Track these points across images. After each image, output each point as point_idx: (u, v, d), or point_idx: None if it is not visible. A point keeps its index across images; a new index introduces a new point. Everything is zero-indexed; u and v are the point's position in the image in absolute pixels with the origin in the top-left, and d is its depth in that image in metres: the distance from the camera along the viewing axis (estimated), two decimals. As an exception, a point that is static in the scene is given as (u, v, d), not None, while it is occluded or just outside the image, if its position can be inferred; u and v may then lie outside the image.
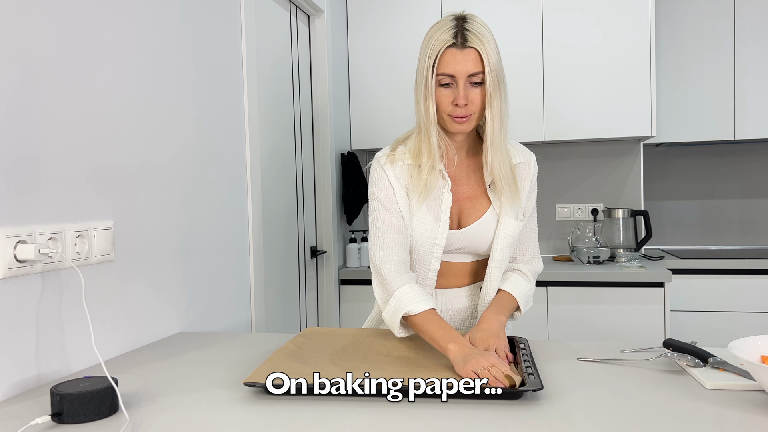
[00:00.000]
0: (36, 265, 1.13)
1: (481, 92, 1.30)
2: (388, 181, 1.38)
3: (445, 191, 1.38)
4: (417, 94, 1.33)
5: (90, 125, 1.29)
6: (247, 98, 1.98)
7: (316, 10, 2.67)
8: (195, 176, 1.69)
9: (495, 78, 1.29)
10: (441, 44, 1.28)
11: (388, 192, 1.38)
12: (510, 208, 1.39)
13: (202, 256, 1.72)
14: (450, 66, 1.28)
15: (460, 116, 1.31)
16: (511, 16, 2.92)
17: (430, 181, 1.35)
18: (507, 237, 1.40)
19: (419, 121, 1.34)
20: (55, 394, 0.91)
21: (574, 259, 2.93)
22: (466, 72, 1.28)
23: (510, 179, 1.37)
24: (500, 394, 0.97)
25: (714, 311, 2.80)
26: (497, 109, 1.32)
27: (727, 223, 3.31)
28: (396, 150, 1.41)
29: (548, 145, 3.19)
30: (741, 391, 0.99)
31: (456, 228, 1.40)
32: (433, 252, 1.38)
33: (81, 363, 1.24)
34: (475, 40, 1.27)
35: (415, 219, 1.38)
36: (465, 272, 1.46)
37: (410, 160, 1.38)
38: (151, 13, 1.50)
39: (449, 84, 1.30)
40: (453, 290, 1.45)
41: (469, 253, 1.44)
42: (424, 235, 1.38)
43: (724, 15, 2.98)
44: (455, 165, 1.41)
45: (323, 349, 1.26)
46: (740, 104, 2.98)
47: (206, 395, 1.04)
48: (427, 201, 1.38)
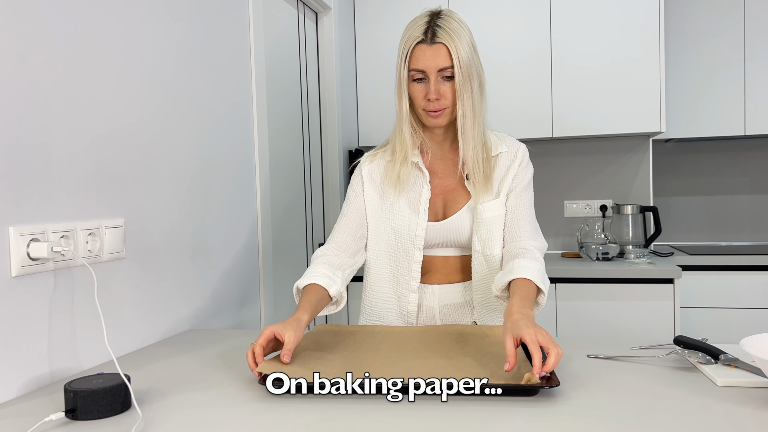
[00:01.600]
0: (48, 263, 1.14)
1: (452, 87, 1.33)
2: (361, 178, 1.48)
3: (424, 184, 1.42)
4: (395, 90, 1.38)
5: (100, 124, 1.29)
6: (255, 96, 1.99)
7: (324, 7, 2.67)
8: (204, 174, 1.70)
9: (465, 73, 1.31)
10: (412, 40, 1.33)
11: (357, 188, 1.48)
12: (485, 196, 1.40)
13: (212, 254, 1.73)
14: (420, 61, 1.32)
15: (433, 110, 1.34)
16: (520, 13, 2.91)
17: (402, 173, 1.41)
18: (485, 223, 1.39)
19: (396, 115, 1.40)
20: (68, 391, 0.92)
21: (583, 255, 2.92)
22: (436, 67, 1.31)
23: (481, 171, 1.39)
24: (517, 389, 0.97)
25: (724, 308, 2.79)
26: (468, 104, 1.33)
27: (737, 219, 3.28)
28: (382, 148, 1.49)
29: (557, 141, 3.18)
30: (753, 388, 0.99)
31: (441, 219, 1.42)
32: (415, 243, 1.41)
33: (93, 360, 1.25)
34: (444, 36, 1.30)
35: (393, 211, 1.43)
36: (456, 267, 1.46)
37: (390, 156, 1.44)
38: (160, 11, 1.51)
39: (422, 79, 1.34)
40: (447, 286, 1.46)
41: (454, 246, 1.45)
42: (402, 227, 1.42)
43: (734, 10, 2.96)
44: (438, 158, 1.46)
45: (334, 344, 1.26)
46: (750, 100, 2.96)
47: (218, 392, 1.05)
48: (406, 194, 1.43)
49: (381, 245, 1.46)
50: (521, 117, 2.93)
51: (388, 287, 1.46)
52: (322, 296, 1.30)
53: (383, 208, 1.45)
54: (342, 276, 1.38)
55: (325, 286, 1.31)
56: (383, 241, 1.45)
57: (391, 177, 1.43)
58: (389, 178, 1.43)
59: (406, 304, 1.44)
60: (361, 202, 1.47)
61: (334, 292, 1.33)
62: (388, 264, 1.46)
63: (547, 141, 3.18)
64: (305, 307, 1.23)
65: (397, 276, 1.45)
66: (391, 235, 1.44)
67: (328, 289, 1.31)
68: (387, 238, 1.45)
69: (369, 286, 1.49)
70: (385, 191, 1.45)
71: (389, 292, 1.46)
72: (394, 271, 1.45)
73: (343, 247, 1.44)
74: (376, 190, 1.46)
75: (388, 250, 1.45)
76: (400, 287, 1.45)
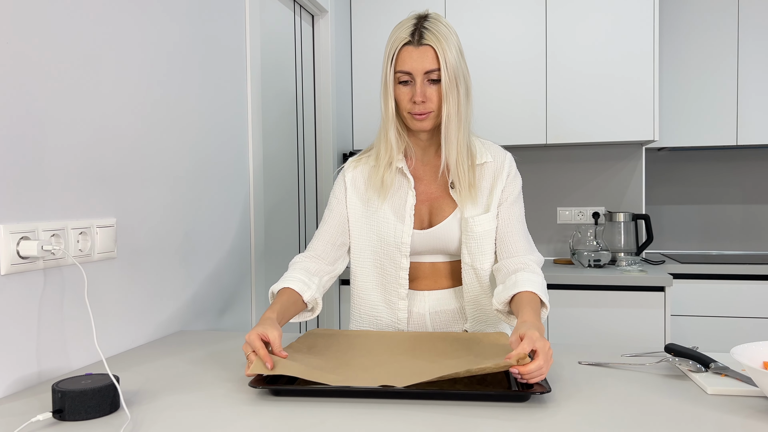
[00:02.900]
0: (38, 261, 1.13)
1: (438, 90, 1.32)
2: (344, 184, 1.45)
3: (409, 190, 1.40)
4: (381, 92, 1.36)
5: (93, 123, 1.29)
6: (250, 97, 1.98)
7: (320, 10, 2.67)
8: (198, 175, 1.69)
9: (452, 76, 1.30)
10: (399, 42, 1.31)
11: (340, 194, 1.45)
12: (472, 207, 1.39)
13: (204, 255, 1.72)
14: (407, 63, 1.31)
15: (419, 113, 1.32)
16: (515, 20, 2.92)
17: (386, 178, 1.39)
18: (476, 237, 1.38)
19: (381, 118, 1.38)
20: (56, 391, 0.91)
21: (575, 262, 2.93)
22: (422, 69, 1.30)
23: (466, 179, 1.37)
24: (508, 395, 0.97)
25: (714, 316, 2.80)
26: (453, 108, 1.32)
27: (729, 228, 3.31)
28: (366, 153, 1.47)
29: (550, 148, 3.19)
30: (743, 397, 0.99)
31: (427, 227, 1.40)
32: (401, 251, 1.39)
33: (82, 360, 1.24)
34: (432, 38, 1.29)
35: (378, 218, 1.41)
36: (444, 273, 1.45)
37: (374, 161, 1.42)
38: (155, 11, 1.50)
39: (408, 81, 1.32)
40: (437, 292, 1.45)
41: (442, 254, 1.43)
42: (388, 234, 1.40)
43: (728, 21, 2.98)
44: (422, 164, 1.44)
45: (328, 348, 1.25)
46: (742, 110, 2.98)
47: (207, 394, 1.04)
48: (390, 200, 1.41)
49: (366, 253, 1.44)
50: (516, 123, 2.94)
51: (377, 295, 1.44)
52: (295, 300, 1.29)
53: (367, 214, 1.43)
54: (318, 282, 1.37)
55: (300, 291, 1.30)
56: (368, 248, 1.43)
57: (375, 182, 1.40)
58: (373, 183, 1.41)
59: (396, 311, 1.42)
60: (343, 209, 1.44)
61: (308, 298, 1.31)
62: (374, 271, 1.44)
63: (541, 147, 3.19)
64: (276, 308, 1.22)
65: (384, 284, 1.43)
66: (376, 242, 1.42)
67: (302, 294, 1.30)
68: (372, 246, 1.43)
69: (357, 294, 1.47)
70: (370, 197, 1.42)
71: (378, 299, 1.44)
72: (381, 278, 1.43)
73: (321, 255, 1.42)
74: (360, 197, 1.44)
75: (374, 257, 1.43)
76: (388, 294, 1.43)
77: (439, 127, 1.36)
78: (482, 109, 2.92)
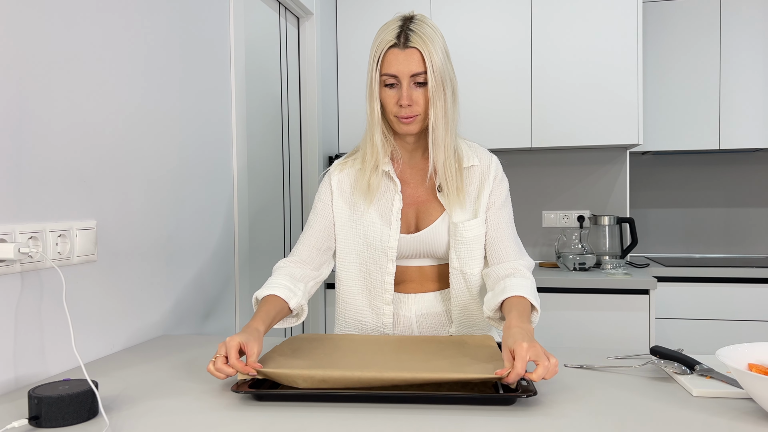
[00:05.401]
0: (15, 264, 1.10)
1: (425, 93, 1.30)
2: (330, 187, 1.43)
3: (396, 193, 1.39)
4: (366, 95, 1.35)
5: (73, 123, 1.26)
6: (234, 100, 1.97)
7: (306, 12, 2.66)
8: (181, 177, 1.67)
9: (439, 79, 1.28)
10: (384, 44, 1.29)
11: (326, 198, 1.43)
12: (461, 211, 1.38)
13: (187, 258, 1.70)
14: (393, 66, 1.29)
15: (405, 117, 1.31)
16: (500, 24, 2.93)
17: (372, 181, 1.37)
18: (466, 242, 1.37)
19: (367, 122, 1.36)
20: (32, 397, 0.89)
21: (560, 265, 2.93)
22: (409, 72, 1.28)
23: (453, 182, 1.36)
24: (494, 398, 0.97)
25: (698, 319, 2.82)
26: (440, 111, 1.30)
27: (712, 231, 3.34)
28: (352, 156, 1.45)
29: (536, 151, 3.20)
30: (728, 399, 0.99)
31: (414, 231, 1.39)
32: (387, 255, 1.38)
33: (60, 365, 1.22)
34: (418, 41, 1.27)
35: (364, 222, 1.39)
36: (431, 276, 1.44)
37: (360, 164, 1.40)
38: (138, 12, 1.48)
39: (394, 84, 1.31)
40: (423, 295, 1.43)
41: (430, 257, 1.42)
42: (374, 238, 1.38)
43: (711, 26, 3.01)
44: (409, 167, 1.42)
45: (312, 350, 1.24)
46: (725, 114, 3.02)
47: (188, 400, 1.02)
48: (377, 203, 1.39)
49: (352, 257, 1.42)
50: (501, 127, 2.95)
51: (362, 299, 1.42)
52: (281, 308, 1.27)
53: (354, 218, 1.41)
54: (304, 288, 1.35)
55: (285, 298, 1.27)
56: (354, 252, 1.41)
57: (361, 185, 1.38)
58: (359, 186, 1.39)
59: (381, 316, 1.40)
60: (329, 213, 1.42)
61: (294, 305, 1.29)
62: (359, 276, 1.42)
63: (526, 151, 3.20)
64: (263, 317, 1.19)
65: (370, 288, 1.41)
66: (363, 246, 1.40)
67: (288, 301, 1.28)
68: (358, 250, 1.41)
69: (342, 298, 1.45)
70: (356, 201, 1.40)
71: (363, 304, 1.42)
72: (367, 283, 1.41)
73: (306, 260, 1.40)
74: (346, 201, 1.42)
75: (360, 261, 1.41)
76: (374, 299, 1.41)
77: (426, 131, 1.34)
78: (467, 111, 2.92)
